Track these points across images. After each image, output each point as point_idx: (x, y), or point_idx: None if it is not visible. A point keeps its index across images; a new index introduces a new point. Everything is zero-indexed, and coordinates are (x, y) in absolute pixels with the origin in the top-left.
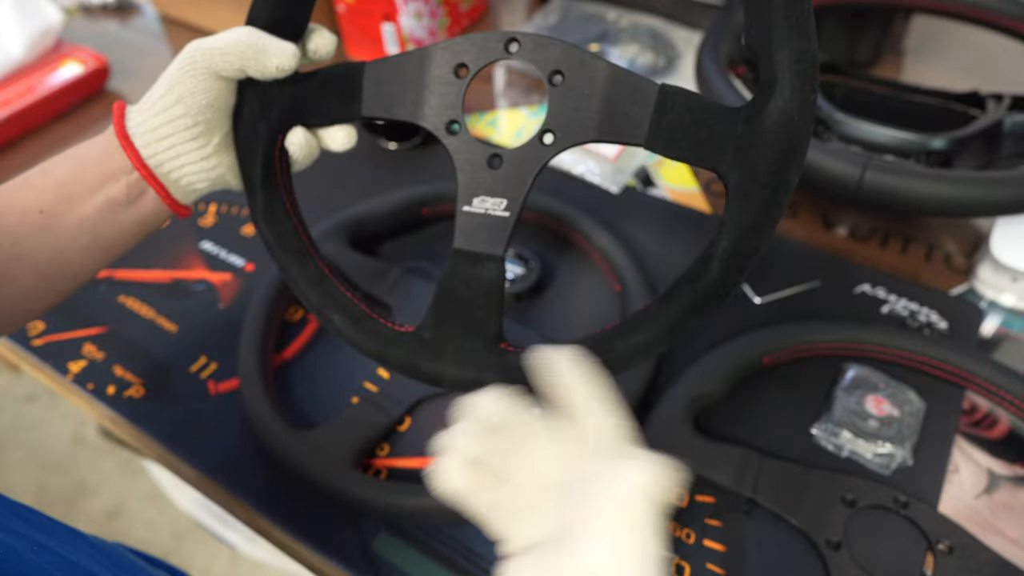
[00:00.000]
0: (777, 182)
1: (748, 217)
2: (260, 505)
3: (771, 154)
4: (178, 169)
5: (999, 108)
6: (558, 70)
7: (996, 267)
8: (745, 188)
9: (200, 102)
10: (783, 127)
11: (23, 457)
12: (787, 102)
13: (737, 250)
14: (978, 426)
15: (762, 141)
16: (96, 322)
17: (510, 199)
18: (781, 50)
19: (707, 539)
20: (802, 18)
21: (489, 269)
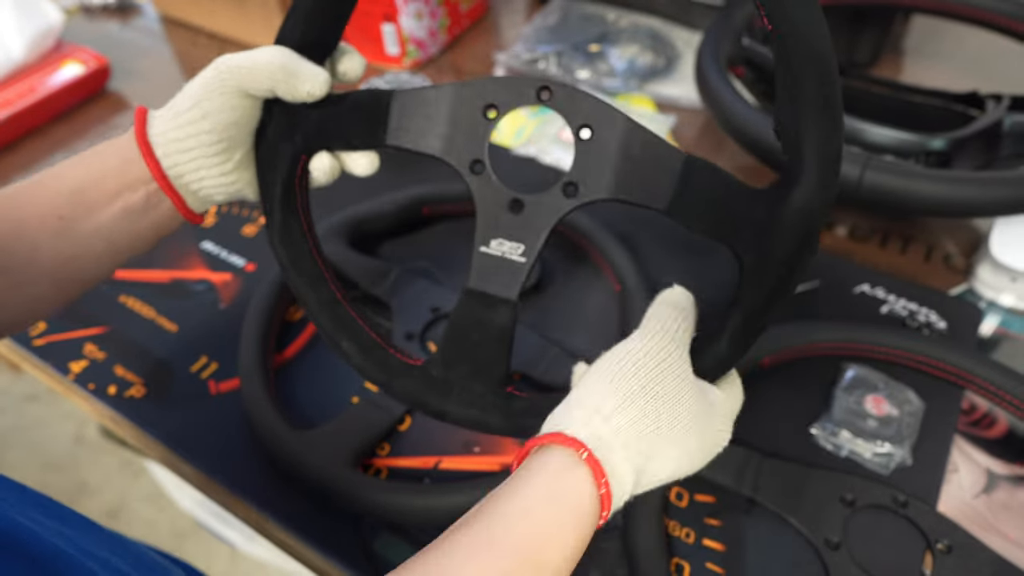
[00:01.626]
0: (792, 267)
1: (761, 299)
2: (260, 504)
3: (789, 241)
4: (198, 182)
5: (998, 108)
6: (587, 124)
7: (995, 267)
8: (760, 271)
9: (226, 119)
10: (804, 216)
11: (24, 456)
12: (811, 193)
13: (746, 329)
14: (977, 426)
15: (782, 228)
16: (97, 322)
17: (527, 245)
18: (810, 138)
19: (707, 538)
20: (831, 104)
21: (501, 313)
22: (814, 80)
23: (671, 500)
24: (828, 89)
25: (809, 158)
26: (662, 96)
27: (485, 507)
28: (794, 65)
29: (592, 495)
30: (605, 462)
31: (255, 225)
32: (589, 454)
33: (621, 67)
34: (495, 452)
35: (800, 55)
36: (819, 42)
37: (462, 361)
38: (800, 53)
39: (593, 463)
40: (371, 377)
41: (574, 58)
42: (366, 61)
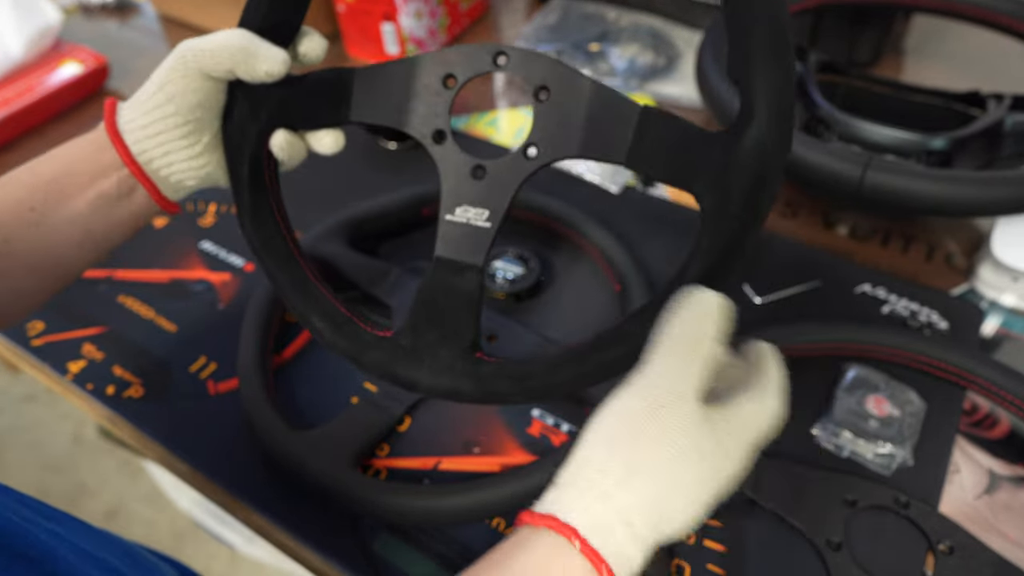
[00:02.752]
0: (749, 209)
1: (720, 242)
2: (259, 505)
3: (744, 181)
4: (167, 167)
5: (1000, 108)
6: (544, 86)
7: (997, 267)
8: (717, 213)
9: (190, 102)
10: (757, 156)
11: (23, 457)
12: (762, 132)
13: (708, 274)
14: (979, 426)
15: (737, 168)
16: (95, 322)
17: (492, 210)
18: (759, 80)
19: (707, 539)
20: (780, 49)
21: (468, 279)
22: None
23: None
24: (780, 31)
25: (760, 98)
26: (662, 95)
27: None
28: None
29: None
30: (604, 548)
31: None
32: (583, 544)
33: (621, 66)
34: (495, 453)
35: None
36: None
37: (430, 329)
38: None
39: (590, 552)
40: (342, 351)
41: (574, 57)
42: (327, 43)
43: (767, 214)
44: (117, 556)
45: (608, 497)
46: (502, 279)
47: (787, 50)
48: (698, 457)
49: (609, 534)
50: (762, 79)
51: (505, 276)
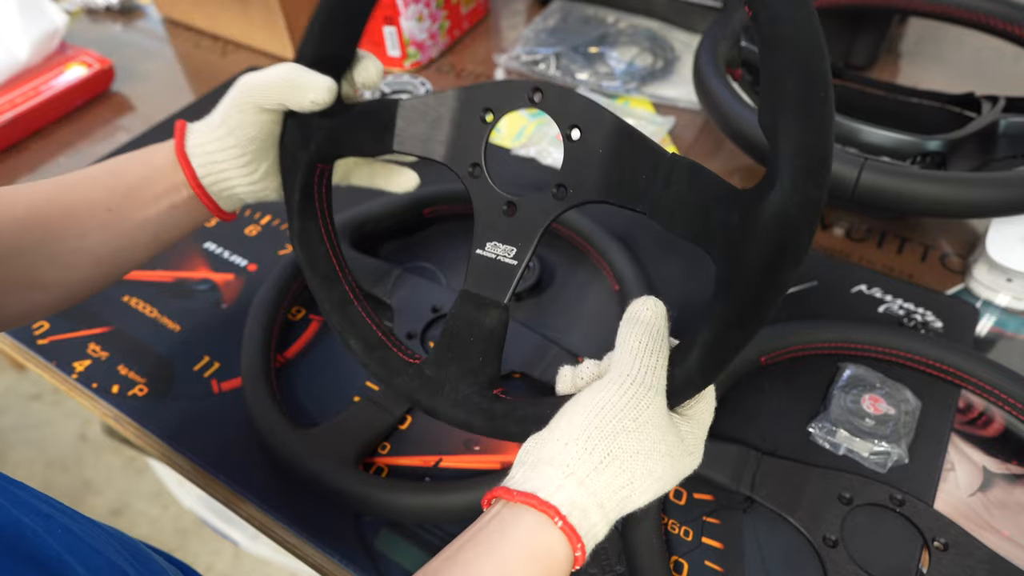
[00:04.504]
0: (767, 280)
1: (732, 312)
2: (263, 503)
3: (763, 251)
4: (229, 189)
5: (994, 110)
6: (576, 124)
7: (991, 267)
8: (731, 282)
9: (248, 134)
10: (778, 224)
11: (28, 455)
12: (786, 198)
13: (718, 343)
14: (973, 424)
15: (754, 236)
16: (100, 322)
17: (519, 248)
18: (787, 141)
19: (705, 536)
20: (813, 103)
21: (491, 316)
22: (796, 71)
23: (670, 498)
24: (811, 82)
25: (786, 159)
26: (661, 98)
27: (458, 560)
28: (774, 53)
29: (566, 554)
30: (580, 526)
31: (257, 226)
32: (564, 521)
33: (620, 69)
34: (495, 451)
35: (780, 42)
36: (804, 28)
37: (453, 361)
38: (780, 40)
39: (569, 530)
40: (373, 373)
41: (573, 60)
42: (382, 66)
43: (789, 283)
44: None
45: (586, 481)
46: None
47: (822, 105)
48: (666, 449)
49: (585, 515)
50: (789, 138)
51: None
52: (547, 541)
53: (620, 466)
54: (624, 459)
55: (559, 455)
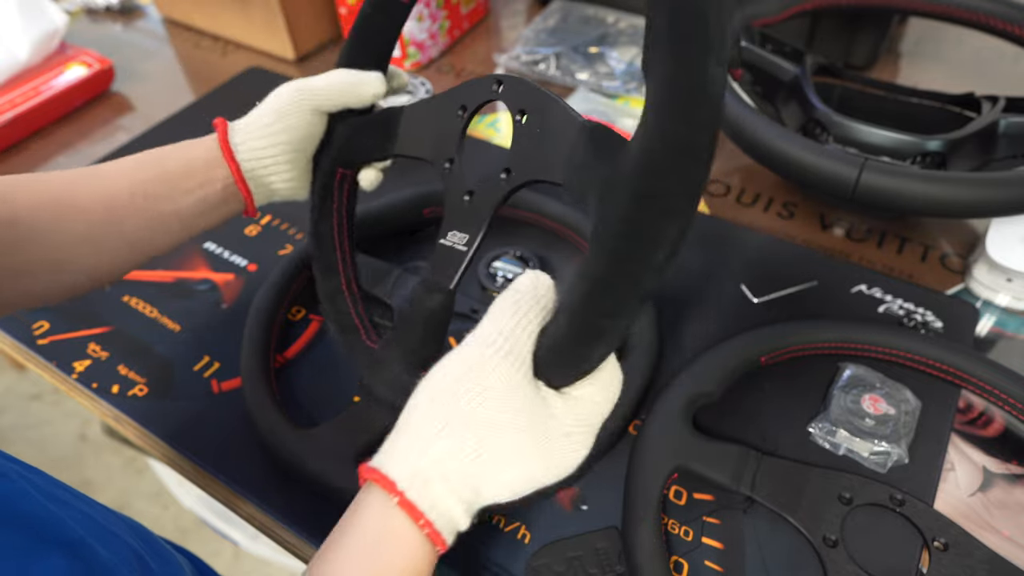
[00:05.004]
0: (633, 230)
1: (597, 269)
2: (263, 502)
3: (625, 196)
4: (266, 185)
5: (994, 110)
6: (523, 109)
7: (991, 267)
8: (597, 235)
9: (303, 133)
10: (640, 164)
11: (29, 455)
12: (650, 134)
13: (584, 306)
14: (973, 424)
15: (621, 182)
16: (100, 322)
17: (470, 235)
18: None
19: (705, 536)
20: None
21: (434, 299)
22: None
23: (670, 498)
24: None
25: (650, 94)
26: None
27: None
28: None
29: (415, 535)
30: (421, 501)
31: (257, 226)
32: (401, 497)
33: (620, 69)
34: None
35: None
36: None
37: (397, 344)
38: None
39: (407, 506)
40: (343, 353)
41: (574, 60)
42: (408, 75)
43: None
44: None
45: (426, 448)
46: (502, 279)
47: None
48: (525, 423)
49: (426, 486)
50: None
51: (505, 276)
52: (392, 524)
53: (463, 434)
54: (469, 427)
55: (407, 422)
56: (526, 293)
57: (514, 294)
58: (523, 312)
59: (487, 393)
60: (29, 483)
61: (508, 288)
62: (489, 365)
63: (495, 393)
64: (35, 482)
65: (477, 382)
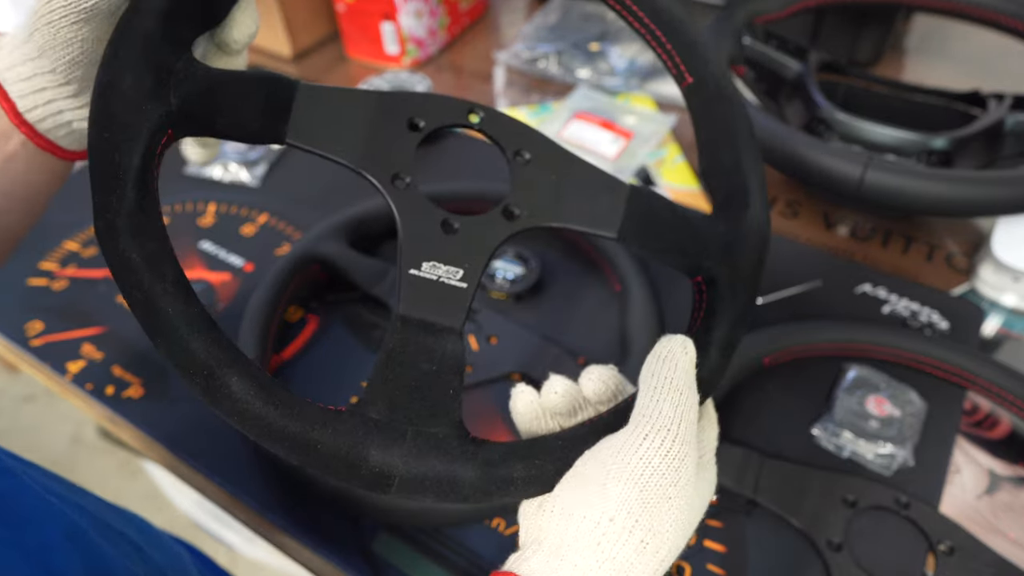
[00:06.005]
0: (756, 278)
1: (739, 309)
2: (259, 505)
3: (752, 254)
4: (64, 124)
5: (1000, 107)
6: (523, 150)
7: (997, 267)
8: (733, 283)
9: (66, 57)
10: (758, 234)
11: None
12: (759, 214)
13: (730, 339)
14: (979, 426)
15: (745, 243)
16: (94, 322)
17: (467, 270)
18: (753, 174)
19: (708, 540)
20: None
21: (451, 342)
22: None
23: None
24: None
25: (754, 189)
26: (663, 95)
27: None
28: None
29: None
30: None
31: (254, 225)
32: None
33: (621, 66)
34: None
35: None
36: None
37: (411, 399)
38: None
39: None
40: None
41: (574, 57)
42: (257, 25)
43: (760, 286)
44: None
45: (628, 569)
46: (502, 279)
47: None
48: (700, 504)
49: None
50: (754, 174)
51: (505, 276)
52: None
53: (662, 541)
54: (667, 532)
55: (588, 537)
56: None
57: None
58: (691, 393)
59: (685, 493)
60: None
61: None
62: (687, 462)
63: (690, 488)
64: (35, 477)
65: (676, 483)
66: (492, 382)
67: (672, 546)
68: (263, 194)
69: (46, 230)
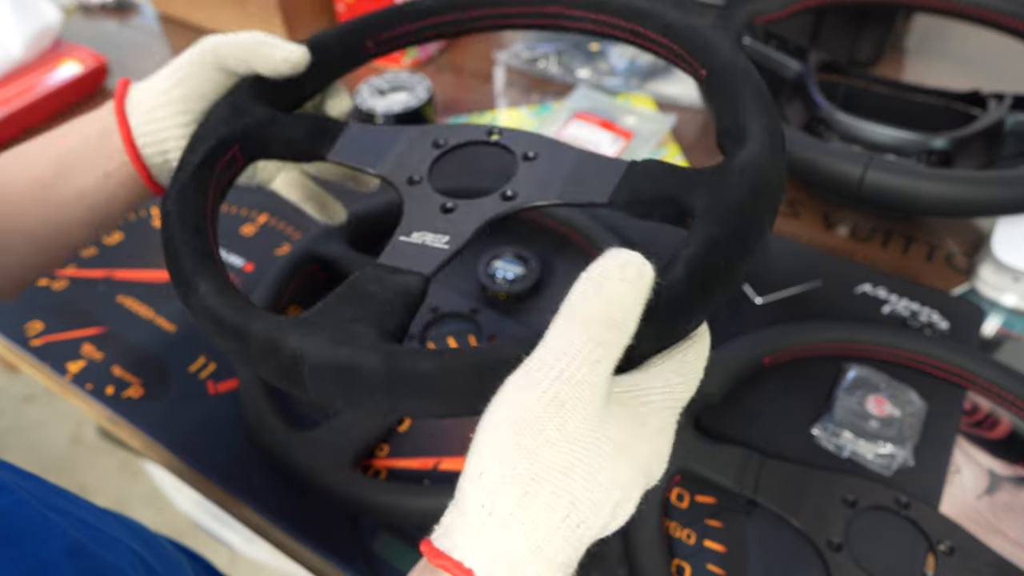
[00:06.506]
0: (749, 214)
1: (718, 229)
2: (259, 505)
3: (743, 187)
4: (164, 154)
5: (1000, 107)
6: (532, 151)
7: (997, 267)
8: (715, 211)
9: (198, 92)
10: (754, 167)
11: (22, 458)
12: (759, 149)
13: (706, 260)
14: (979, 426)
15: (734, 178)
16: (95, 322)
17: (453, 235)
18: (753, 119)
19: (708, 540)
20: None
21: (411, 280)
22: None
23: (672, 501)
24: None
25: (755, 130)
26: (663, 95)
27: None
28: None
29: None
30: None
31: (254, 225)
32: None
33: (622, 66)
34: None
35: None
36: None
37: (347, 307)
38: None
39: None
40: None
41: (574, 57)
42: (351, 104)
43: (766, 229)
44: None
45: (510, 523)
46: (502, 279)
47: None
48: (613, 449)
49: (517, 570)
50: (755, 118)
51: (505, 276)
52: None
53: (553, 490)
54: (556, 480)
55: (473, 491)
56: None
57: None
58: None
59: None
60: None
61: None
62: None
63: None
64: (33, 491)
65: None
66: None
67: (570, 494)
68: (263, 194)
69: None
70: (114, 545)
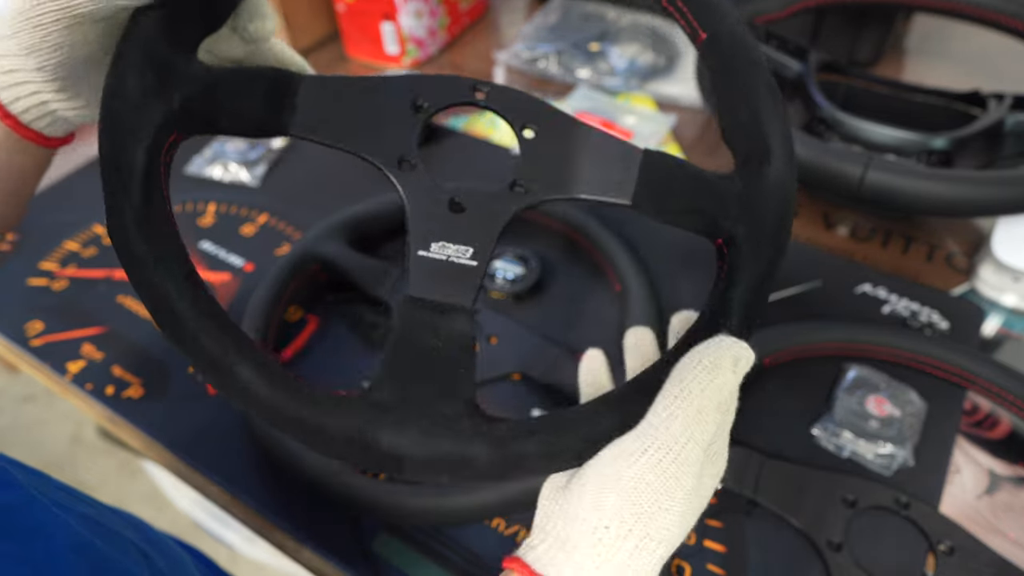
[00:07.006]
0: (780, 236)
1: (761, 266)
2: (259, 505)
3: (775, 210)
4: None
5: (1000, 107)
6: (530, 123)
7: (997, 267)
8: (755, 240)
9: (53, 60)
10: (781, 189)
11: (22, 457)
12: (782, 168)
13: (754, 299)
14: (979, 426)
15: (767, 198)
16: (95, 322)
17: (476, 248)
18: (773, 129)
19: (707, 540)
20: (782, 108)
21: (460, 320)
22: (763, 81)
23: None
24: (774, 85)
25: (776, 143)
26: (663, 95)
27: None
28: (741, 71)
29: None
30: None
31: (254, 225)
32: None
33: (622, 66)
34: None
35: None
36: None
37: (421, 379)
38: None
39: None
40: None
41: (574, 57)
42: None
43: (787, 245)
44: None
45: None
46: (502, 279)
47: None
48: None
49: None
50: (775, 128)
51: (505, 276)
52: None
53: (658, 542)
54: (661, 535)
55: (587, 540)
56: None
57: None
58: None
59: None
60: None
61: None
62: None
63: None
64: (39, 487)
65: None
66: (492, 382)
67: (669, 545)
68: (263, 194)
69: (46, 230)
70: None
